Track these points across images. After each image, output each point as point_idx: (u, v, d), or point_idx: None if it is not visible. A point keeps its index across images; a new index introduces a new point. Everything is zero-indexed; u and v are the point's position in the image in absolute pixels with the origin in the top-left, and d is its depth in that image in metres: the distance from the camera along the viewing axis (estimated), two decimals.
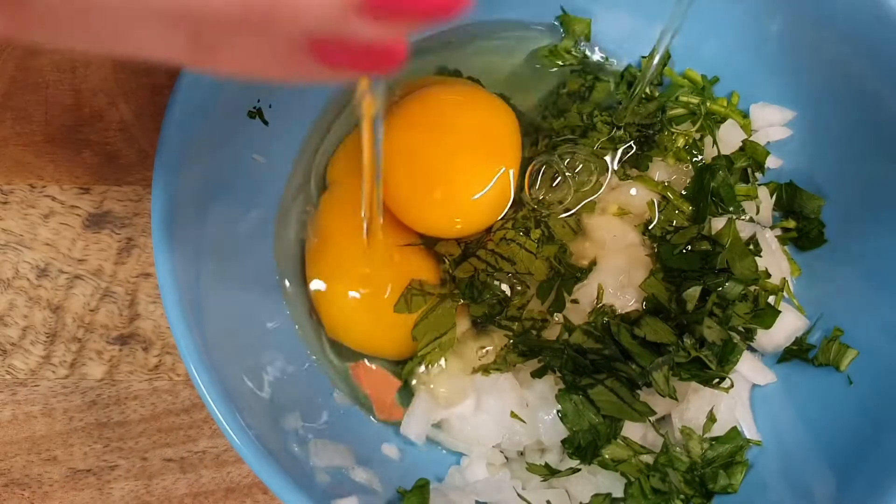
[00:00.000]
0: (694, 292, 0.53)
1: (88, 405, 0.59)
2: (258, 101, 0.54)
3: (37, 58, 0.66)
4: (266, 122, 0.55)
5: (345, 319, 0.56)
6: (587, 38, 0.62)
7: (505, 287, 0.55)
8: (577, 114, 0.58)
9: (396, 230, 0.58)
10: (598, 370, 0.51)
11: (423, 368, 0.55)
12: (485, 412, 0.54)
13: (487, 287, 0.55)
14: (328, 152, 0.61)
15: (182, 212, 0.47)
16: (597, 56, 0.63)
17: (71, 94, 0.66)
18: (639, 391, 0.51)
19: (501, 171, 0.56)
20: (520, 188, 0.58)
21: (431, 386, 0.55)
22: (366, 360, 0.57)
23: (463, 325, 0.56)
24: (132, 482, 0.58)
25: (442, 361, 0.56)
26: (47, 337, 0.60)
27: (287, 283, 0.57)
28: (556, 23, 0.63)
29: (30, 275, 0.61)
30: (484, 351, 0.56)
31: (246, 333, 0.52)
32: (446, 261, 0.56)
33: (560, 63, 0.61)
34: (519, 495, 0.51)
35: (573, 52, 0.62)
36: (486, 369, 0.55)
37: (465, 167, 0.57)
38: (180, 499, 0.58)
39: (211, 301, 0.48)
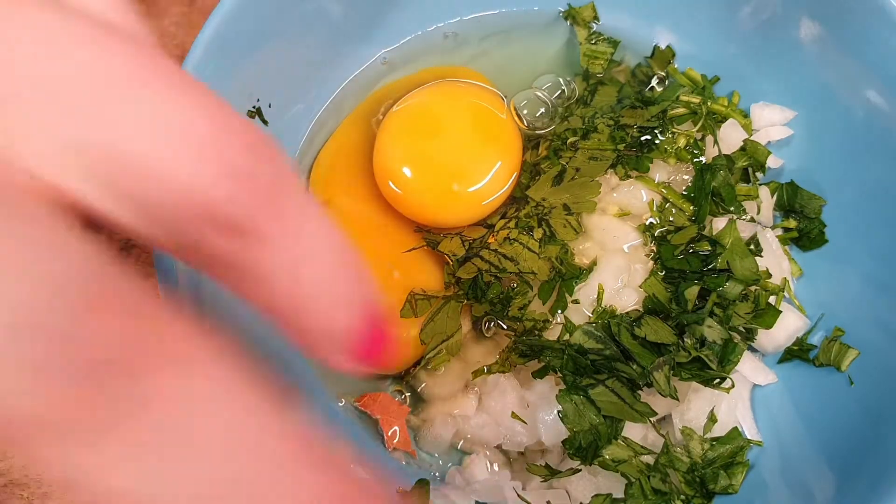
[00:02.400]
0: (693, 291, 0.53)
1: None
2: (258, 100, 0.54)
3: None
4: (266, 122, 0.55)
5: None
6: (597, 20, 0.62)
7: (507, 286, 0.56)
8: (580, 117, 0.58)
9: (399, 237, 0.58)
10: (598, 370, 0.51)
11: (427, 371, 0.55)
12: (486, 412, 0.54)
13: (491, 287, 0.55)
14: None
15: None
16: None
17: None
18: (640, 391, 0.51)
19: (499, 163, 0.57)
20: (523, 187, 0.58)
21: (436, 390, 0.55)
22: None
23: (464, 327, 0.56)
24: None
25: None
26: None
27: None
28: (561, 14, 0.63)
29: None
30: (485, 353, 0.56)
31: (246, 334, 0.52)
32: (450, 261, 0.56)
33: (602, 62, 0.61)
34: (519, 496, 0.51)
35: (603, 43, 0.62)
36: (487, 370, 0.55)
37: (468, 153, 0.58)
38: None
39: (211, 302, 0.48)
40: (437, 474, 0.55)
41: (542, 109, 0.61)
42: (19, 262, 0.17)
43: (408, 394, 0.56)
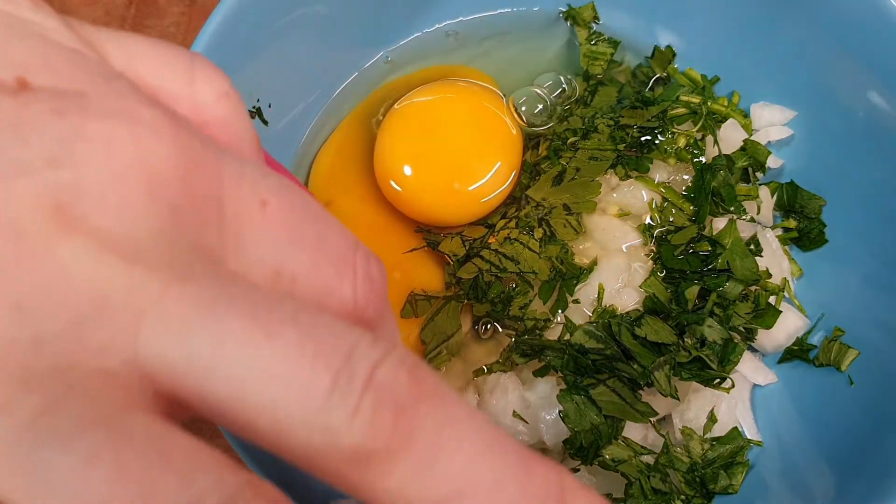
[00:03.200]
0: (693, 291, 0.53)
1: None
2: (258, 100, 0.54)
3: None
4: (266, 122, 0.55)
5: None
6: (597, 20, 0.63)
7: (508, 286, 0.56)
8: (580, 117, 0.58)
9: (400, 237, 0.58)
10: (599, 370, 0.51)
11: None
12: (486, 411, 0.54)
13: (492, 287, 0.55)
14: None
15: None
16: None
17: None
18: (640, 391, 0.51)
19: (498, 159, 0.58)
20: (523, 187, 0.58)
21: None
22: None
23: (464, 326, 0.56)
24: None
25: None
26: None
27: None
28: (560, 15, 0.63)
29: None
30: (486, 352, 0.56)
31: None
32: (450, 261, 0.56)
33: (602, 63, 0.62)
34: None
35: (604, 44, 0.62)
36: (488, 370, 0.55)
37: (468, 151, 0.58)
38: None
39: None
40: None
41: (541, 106, 0.61)
42: None
43: None
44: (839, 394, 0.54)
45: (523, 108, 0.60)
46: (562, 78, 0.62)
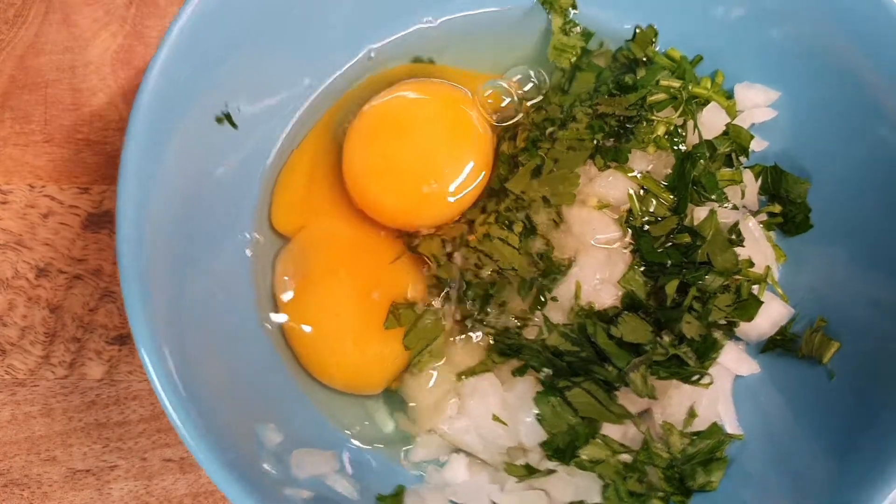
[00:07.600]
0: (673, 285, 0.52)
1: (88, 405, 0.60)
2: (226, 104, 0.53)
3: (36, 57, 0.67)
4: (235, 126, 0.54)
5: (329, 361, 0.55)
6: (574, 7, 0.61)
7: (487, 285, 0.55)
8: (558, 105, 0.57)
9: (379, 252, 0.57)
10: (576, 372, 0.50)
11: (413, 375, 0.55)
12: (467, 416, 0.53)
13: (471, 286, 0.54)
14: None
15: (151, 227, 0.46)
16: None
17: (70, 94, 0.66)
18: (616, 392, 0.50)
19: (465, 156, 0.57)
20: (502, 179, 0.56)
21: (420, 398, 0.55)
22: None
23: (447, 328, 0.55)
24: (132, 482, 0.59)
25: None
26: (46, 337, 0.61)
27: (265, 310, 0.57)
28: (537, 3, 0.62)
29: (29, 275, 0.62)
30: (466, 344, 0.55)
31: (222, 350, 0.51)
32: (430, 263, 0.55)
33: (571, 56, 0.60)
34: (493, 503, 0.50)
35: (576, 36, 0.60)
36: (470, 372, 0.54)
37: (437, 151, 0.57)
38: (180, 499, 0.59)
39: (187, 323, 0.47)
40: (418, 478, 0.54)
41: (508, 100, 0.59)
42: None
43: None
44: (826, 378, 0.53)
45: (490, 102, 0.59)
46: (531, 72, 0.60)
